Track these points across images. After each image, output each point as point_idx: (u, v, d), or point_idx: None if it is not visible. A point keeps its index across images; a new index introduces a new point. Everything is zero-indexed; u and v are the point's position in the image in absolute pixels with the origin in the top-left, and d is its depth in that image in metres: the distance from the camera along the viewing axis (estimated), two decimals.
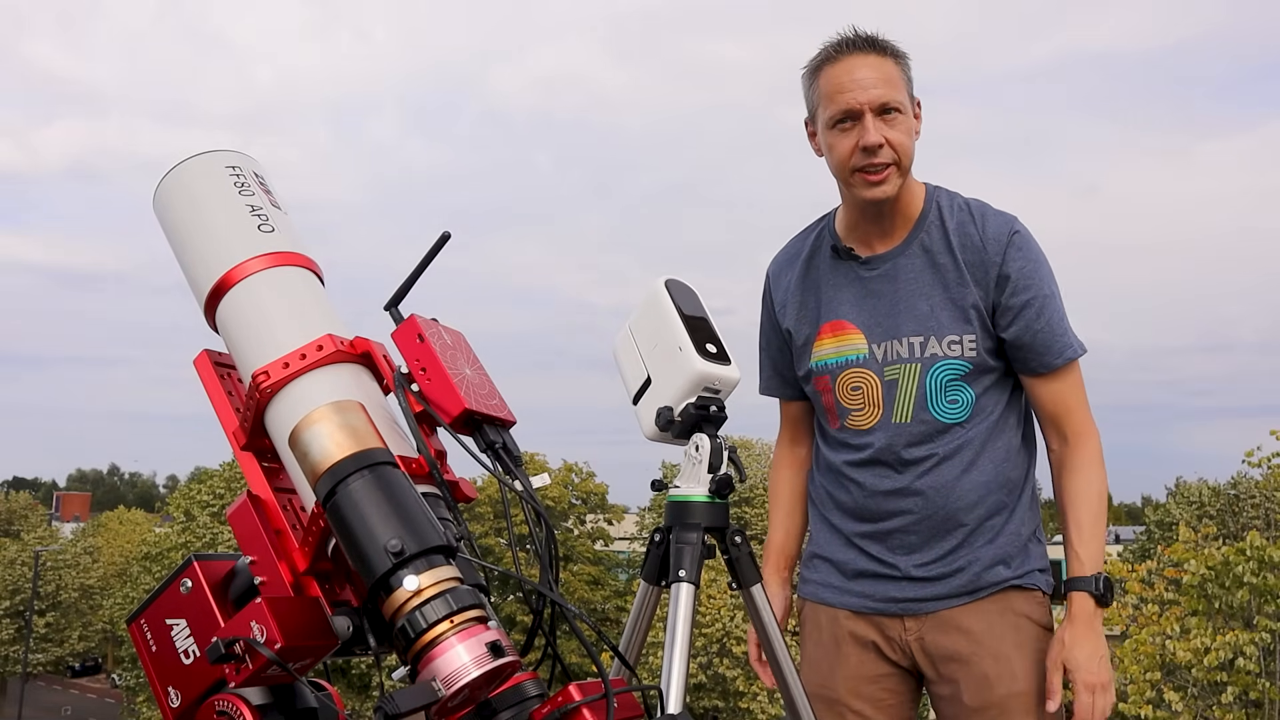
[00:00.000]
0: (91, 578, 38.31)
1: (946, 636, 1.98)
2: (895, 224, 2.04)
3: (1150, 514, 30.83)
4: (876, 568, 2.03)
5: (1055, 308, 1.97)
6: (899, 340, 2.01)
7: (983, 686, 1.94)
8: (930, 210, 2.03)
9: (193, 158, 1.33)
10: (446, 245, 1.28)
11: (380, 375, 1.23)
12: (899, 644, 2.02)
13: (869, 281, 2.06)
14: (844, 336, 2.07)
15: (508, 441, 1.21)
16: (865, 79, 1.92)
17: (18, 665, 33.27)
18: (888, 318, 2.03)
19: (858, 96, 1.92)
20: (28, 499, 50.86)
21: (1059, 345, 1.96)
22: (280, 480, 1.18)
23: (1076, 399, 2.00)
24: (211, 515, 27.21)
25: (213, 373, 1.27)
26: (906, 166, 1.97)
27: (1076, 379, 2.01)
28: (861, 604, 2.05)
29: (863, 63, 1.94)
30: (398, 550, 0.97)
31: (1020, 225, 2.00)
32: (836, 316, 2.09)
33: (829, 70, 1.97)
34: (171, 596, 1.12)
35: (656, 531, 1.85)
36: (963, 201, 2.05)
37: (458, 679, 0.93)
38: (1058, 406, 1.99)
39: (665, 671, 1.66)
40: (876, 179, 1.94)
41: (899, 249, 2.03)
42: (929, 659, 2.00)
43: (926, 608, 1.99)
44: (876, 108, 1.92)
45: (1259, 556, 11.35)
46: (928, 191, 2.06)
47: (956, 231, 2.00)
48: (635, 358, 1.88)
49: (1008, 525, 2.00)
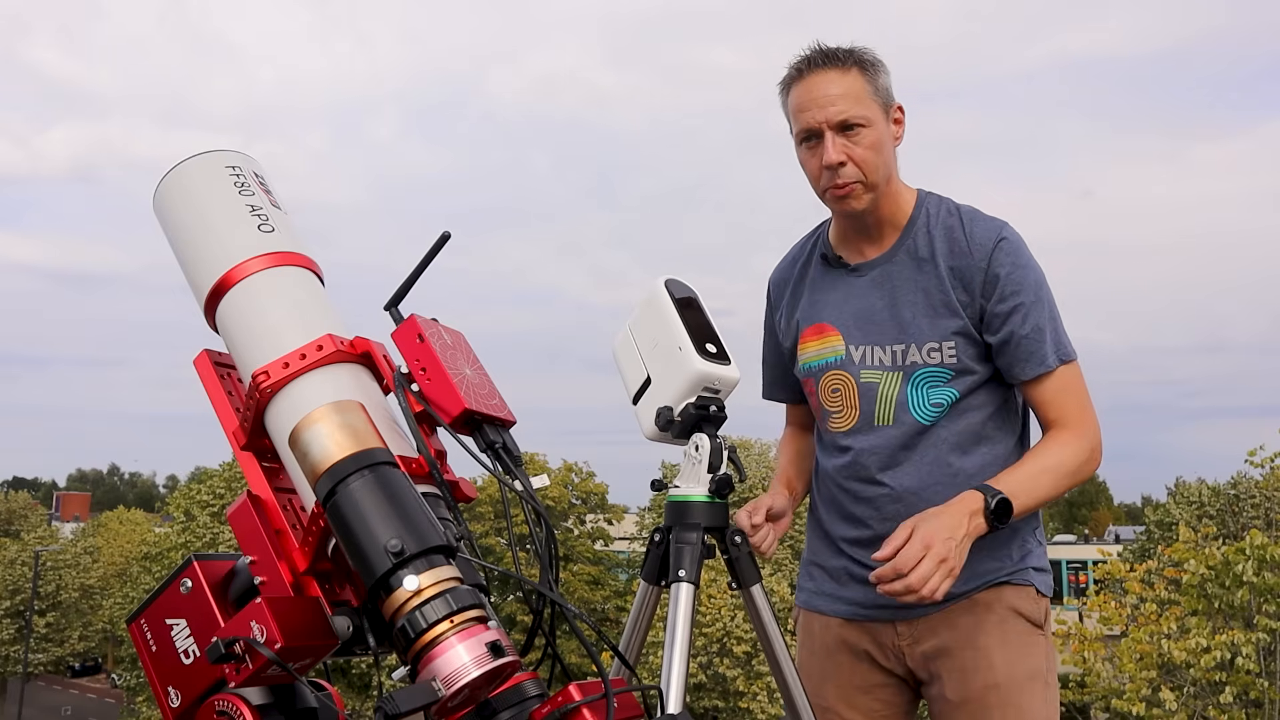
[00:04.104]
0: (91, 578, 38.29)
1: (935, 635, 1.97)
2: (883, 232, 2.04)
3: (1150, 514, 30.80)
4: (865, 574, 1.97)
5: (1041, 314, 1.93)
6: (880, 347, 2.00)
7: (961, 679, 1.92)
8: (919, 217, 2.02)
9: (193, 158, 1.33)
10: (446, 245, 1.28)
11: (380, 375, 1.23)
12: (892, 650, 2.01)
13: (855, 287, 2.06)
14: (825, 339, 2.08)
15: (508, 441, 1.21)
16: (824, 97, 1.92)
17: (18, 665, 33.25)
18: (869, 322, 2.02)
19: (815, 116, 1.92)
20: (28, 499, 50.89)
21: (1041, 353, 1.92)
22: (280, 480, 1.18)
23: (1075, 403, 1.95)
24: (211, 515, 27.18)
25: (213, 373, 1.26)
26: (875, 181, 1.95)
27: (1071, 383, 1.95)
28: (853, 611, 2.05)
29: (823, 80, 1.94)
30: (398, 550, 0.97)
31: (1009, 231, 1.98)
32: (820, 319, 2.10)
33: (794, 89, 1.98)
34: (171, 596, 1.12)
35: (656, 531, 1.85)
36: (952, 207, 2.03)
37: (458, 679, 0.94)
38: (1051, 410, 1.95)
39: (665, 671, 1.66)
40: (842, 193, 1.95)
41: (886, 255, 2.03)
42: (921, 660, 1.98)
43: (916, 612, 1.97)
44: (836, 125, 1.92)
45: (1260, 556, 11.35)
46: (918, 198, 2.05)
47: (944, 237, 1.98)
48: (635, 358, 1.88)
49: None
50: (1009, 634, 1.94)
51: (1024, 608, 1.96)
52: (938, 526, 1.69)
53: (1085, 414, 1.95)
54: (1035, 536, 2.04)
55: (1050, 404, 1.95)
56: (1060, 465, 1.89)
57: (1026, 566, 1.99)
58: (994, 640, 1.92)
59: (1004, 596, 1.96)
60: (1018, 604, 1.96)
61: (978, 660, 1.91)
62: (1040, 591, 2.00)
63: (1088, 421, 1.95)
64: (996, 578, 1.96)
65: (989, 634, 1.93)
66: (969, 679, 1.91)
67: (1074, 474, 1.90)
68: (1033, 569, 2.00)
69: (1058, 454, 1.91)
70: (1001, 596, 1.96)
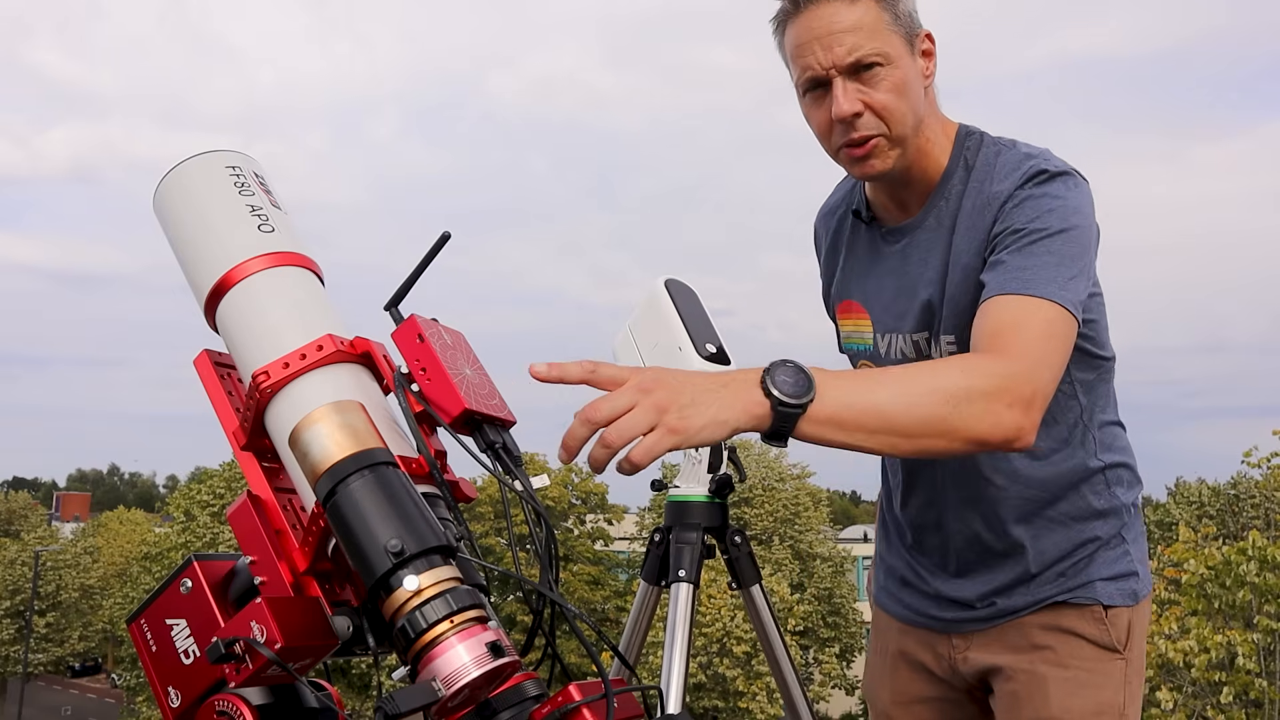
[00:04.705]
0: (91, 578, 38.29)
1: (987, 651, 1.74)
2: (914, 192, 1.67)
3: (1150, 514, 30.81)
4: (916, 581, 1.86)
5: (1057, 250, 1.46)
6: (903, 336, 1.71)
7: (1012, 705, 1.68)
8: (955, 170, 1.63)
9: (192, 158, 1.33)
10: (446, 245, 1.28)
11: (380, 375, 1.23)
12: (948, 661, 1.80)
13: (884, 258, 1.73)
14: (856, 321, 1.80)
15: (508, 441, 1.20)
16: (829, 34, 1.52)
17: (18, 665, 33.25)
18: (894, 304, 1.71)
19: (820, 57, 1.53)
20: (28, 499, 50.89)
21: (1026, 276, 1.43)
22: (280, 480, 1.18)
23: (1022, 338, 1.38)
24: (211, 515, 27.19)
25: (213, 373, 1.26)
26: (901, 133, 1.57)
27: (1034, 321, 1.40)
28: (908, 615, 1.88)
29: (827, 10, 1.53)
30: (398, 550, 0.97)
31: (1049, 165, 1.54)
32: (849, 295, 1.81)
33: (791, 26, 1.58)
34: (171, 596, 1.12)
35: (656, 531, 1.85)
36: (994, 149, 1.63)
37: (458, 679, 0.93)
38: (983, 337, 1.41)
39: (665, 671, 1.66)
40: (861, 153, 1.57)
41: (916, 221, 1.68)
42: (975, 674, 1.77)
43: (968, 626, 1.76)
44: (846, 68, 1.53)
45: (1260, 556, 11.35)
46: (956, 141, 1.65)
47: (974, 193, 1.60)
48: (635, 358, 1.88)
49: (1054, 535, 1.70)
50: (1066, 660, 1.65)
51: (1089, 631, 1.65)
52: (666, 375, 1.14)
53: (1025, 351, 1.37)
54: (1105, 541, 1.69)
55: (989, 332, 1.41)
56: (931, 384, 1.26)
57: (1092, 579, 1.68)
58: (1051, 667, 1.65)
59: (1062, 619, 1.67)
60: (1079, 627, 1.66)
61: (1031, 689, 1.65)
62: (1110, 605, 1.66)
63: (1021, 359, 1.34)
64: (1052, 598, 1.69)
65: (1046, 659, 1.66)
66: (1019, 707, 1.66)
67: (951, 400, 1.24)
68: (1100, 580, 1.68)
69: (936, 371, 1.33)
70: (1060, 618, 1.68)
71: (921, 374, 1.30)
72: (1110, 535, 1.71)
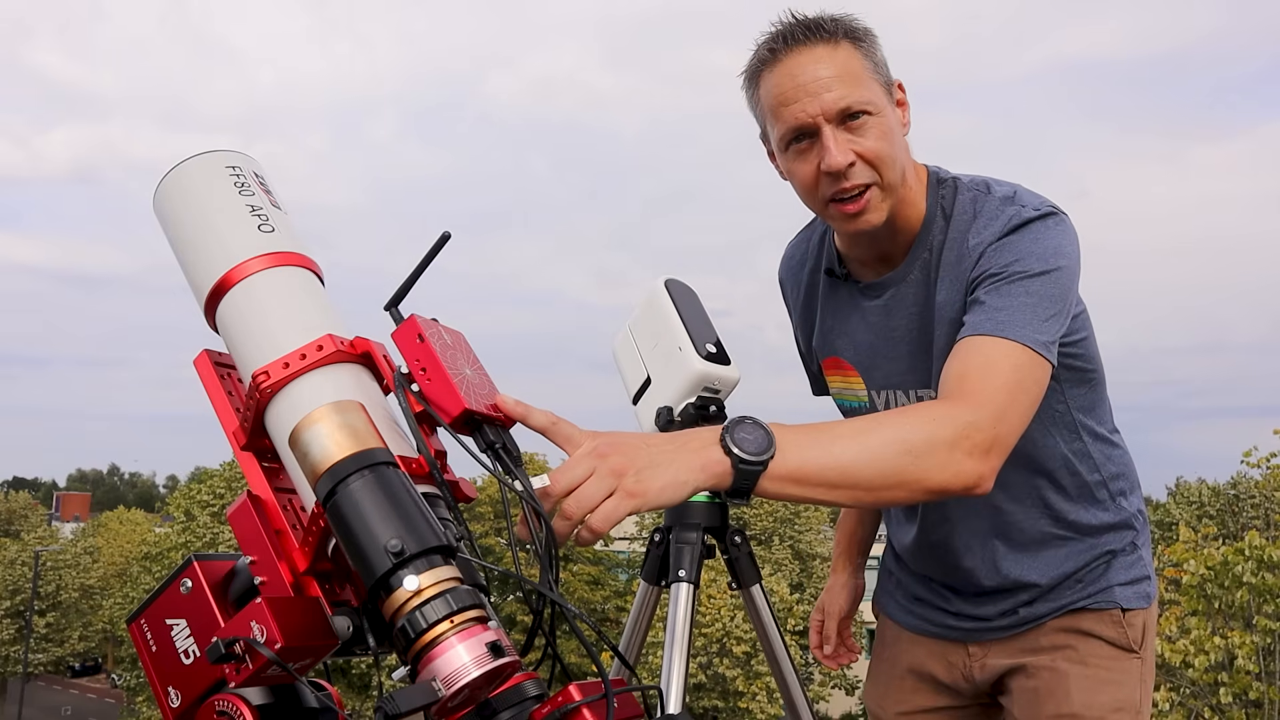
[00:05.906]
0: (91, 578, 38.32)
1: (1007, 653, 1.78)
2: (898, 243, 1.64)
3: (1150, 514, 30.68)
4: (932, 597, 1.89)
5: (1036, 290, 1.44)
6: (903, 391, 1.70)
7: (1032, 701, 1.70)
8: (934, 219, 1.61)
9: (192, 158, 1.33)
10: (446, 245, 1.28)
11: (380, 375, 1.23)
12: (961, 670, 1.83)
13: (869, 313, 1.71)
14: (846, 378, 1.80)
15: (508, 441, 1.20)
16: (814, 81, 1.49)
17: (18, 665, 33.26)
18: (887, 362, 1.70)
19: (807, 107, 1.49)
20: (28, 499, 50.92)
21: (1000, 318, 1.41)
22: (280, 480, 1.18)
23: (988, 382, 1.35)
24: (211, 515, 27.20)
25: (213, 373, 1.26)
26: (892, 180, 1.54)
27: (1002, 365, 1.37)
28: (922, 626, 1.90)
29: (809, 59, 1.49)
30: (398, 550, 0.97)
31: (1027, 209, 1.51)
32: (835, 353, 1.80)
33: (768, 76, 1.54)
34: (171, 596, 1.12)
35: (656, 531, 1.85)
36: (969, 196, 1.59)
37: (458, 679, 0.93)
38: (950, 381, 1.38)
39: (665, 671, 1.66)
40: (855, 208, 1.53)
41: (899, 274, 1.65)
42: (992, 676, 1.80)
43: (987, 635, 1.80)
44: (835, 116, 1.49)
45: (1258, 556, 11.35)
46: (930, 188, 1.63)
47: (954, 244, 1.57)
48: (635, 358, 1.88)
49: (1067, 548, 1.75)
50: (1088, 658, 1.69)
51: (1107, 633, 1.71)
52: (621, 439, 1.12)
53: (989, 399, 1.33)
54: (1120, 549, 1.76)
55: (956, 374, 1.38)
56: (892, 435, 1.23)
57: (1110, 584, 1.73)
58: (1072, 665, 1.69)
59: (1082, 622, 1.73)
60: (1098, 629, 1.72)
61: (1053, 685, 1.68)
62: (1128, 608, 1.72)
63: (984, 406, 1.31)
64: (1072, 604, 1.74)
65: (1067, 657, 1.70)
66: (1040, 703, 1.68)
67: (911, 451, 1.22)
68: (1118, 585, 1.74)
69: (897, 422, 1.29)
70: (1079, 622, 1.73)
71: (883, 424, 1.29)
72: (1125, 544, 1.78)
